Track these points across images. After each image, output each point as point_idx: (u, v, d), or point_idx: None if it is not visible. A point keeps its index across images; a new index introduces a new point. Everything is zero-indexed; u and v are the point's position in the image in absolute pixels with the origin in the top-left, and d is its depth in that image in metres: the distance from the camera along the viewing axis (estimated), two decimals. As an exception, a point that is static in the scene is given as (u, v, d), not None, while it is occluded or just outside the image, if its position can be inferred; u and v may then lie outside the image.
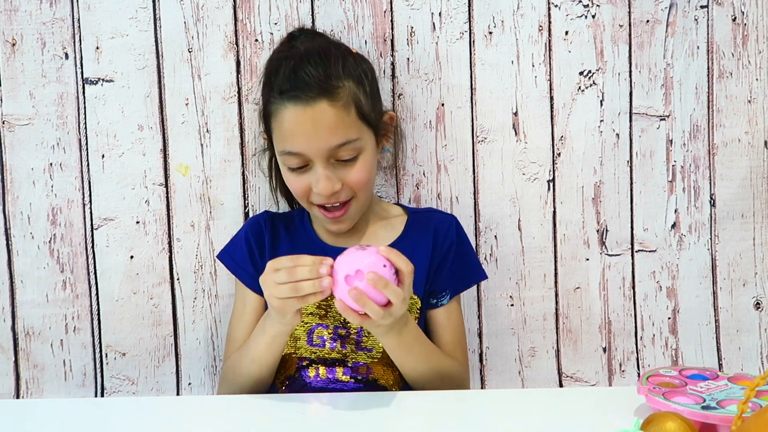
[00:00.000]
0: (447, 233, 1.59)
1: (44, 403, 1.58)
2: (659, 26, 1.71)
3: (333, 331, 1.52)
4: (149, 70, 1.69)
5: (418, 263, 1.52)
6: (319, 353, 1.52)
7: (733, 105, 1.74)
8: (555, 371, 1.78)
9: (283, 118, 1.48)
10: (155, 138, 1.71)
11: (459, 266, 1.60)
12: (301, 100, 1.47)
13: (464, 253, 1.61)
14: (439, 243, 1.58)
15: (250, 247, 1.60)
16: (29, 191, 1.70)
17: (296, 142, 1.48)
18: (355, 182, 1.50)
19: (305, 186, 1.51)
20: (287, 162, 1.51)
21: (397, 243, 1.57)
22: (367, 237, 1.61)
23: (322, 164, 1.48)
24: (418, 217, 1.63)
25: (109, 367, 1.74)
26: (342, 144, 1.48)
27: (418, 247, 1.56)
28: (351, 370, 1.51)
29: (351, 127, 1.49)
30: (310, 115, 1.46)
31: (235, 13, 1.70)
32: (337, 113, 1.47)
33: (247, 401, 1.40)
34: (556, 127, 1.73)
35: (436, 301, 1.58)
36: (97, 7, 1.68)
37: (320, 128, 1.46)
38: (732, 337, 1.78)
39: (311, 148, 1.47)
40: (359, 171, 1.50)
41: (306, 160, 1.49)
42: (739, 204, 1.76)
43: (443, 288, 1.58)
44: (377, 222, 1.62)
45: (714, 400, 1.22)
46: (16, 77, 1.68)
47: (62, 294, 1.72)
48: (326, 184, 1.48)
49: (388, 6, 1.70)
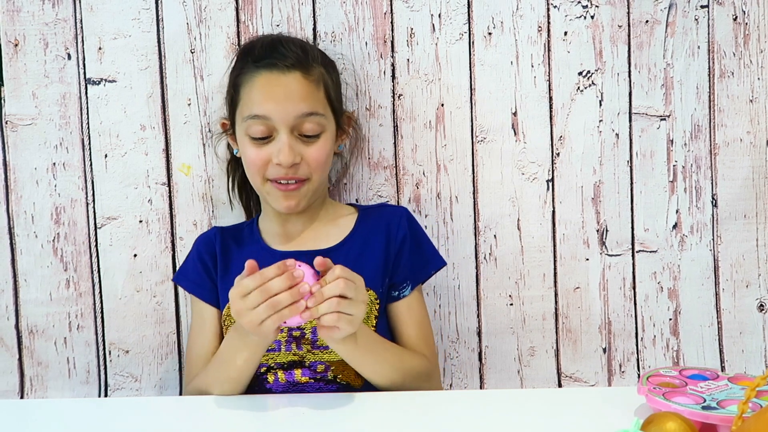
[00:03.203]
0: (399, 225, 1.59)
1: (48, 403, 1.59)
2: (659, 26, 1.71)
3: (287, 334, 1.50)
4: (152, 71, 1.71)
5: (371, 258, 1.55)
6: (276, 358, 1.51)
7: (735, 105, 1.73)
8: (554, 371, 1.77)
9: (255, 83, 1.52)
10: (158, 138, 1.72)
11: (416, 256, 1.59)
12: (277, 67, 1.51)
13: (419, 243, 1.61)
14: (392, 235, 1.58)
15: (204, 263, 1.61)
16: (33, 191, 1.72)
17: (266, 105, 1.50)
18: (313, 159, 1.52)
19: (264, 158, 1.52)
20: (251, 130, 1.52)
21: (348, 240, 1.58)
22: (316, 238, 1.60)
23: (286, 133, 1.50)
24: (369, 213, 1.63)
25: (113, 365, 1.76)
26: (309, 114, 1.51)
27: (369, 243, 1.57)
28: (309, 370, 1.50)
29: (319, 102, 1.53)
30: (284, 81, 1.51)
31: (238, 14, 1.71)
32: (309, 85, 1.52)
33: (247, 401, 1.40)
34: (556, 127, 1.73)
35: (398, 293, 1.57)
36: (100, 7, 1.70)
37: (291, 95, 1.50)
38: (735, 339, 1.77)
39: (279, 113, 1.49)
40: (319, 150, 1.53)
41: (270, 129, 1.51)
42: (742, 204, 1.75)
43: (403, 279, 1.57)
44: (327, 223, 1.62)
45: (714, 400, 1.21)
46: (18, 77, 1.70)
47: (66, 292, 1.74)
48: (288, 153, 1.49)
49: (388, 8, 1.71)
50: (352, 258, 1.54)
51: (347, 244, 1.57)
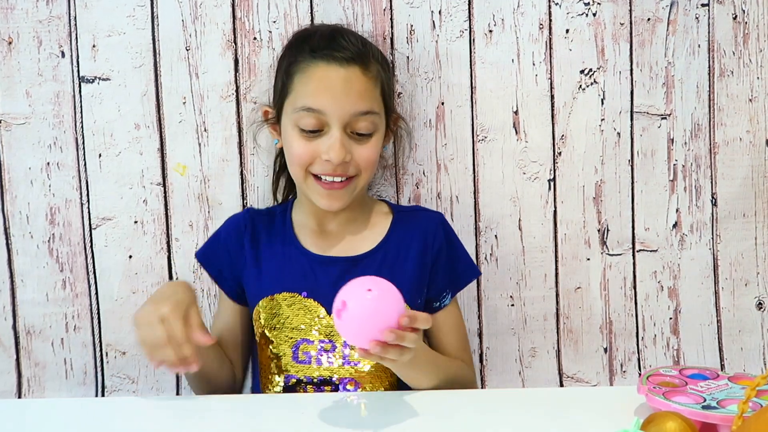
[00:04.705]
0: (435, 235, 1.56)
1: (45, 403, 1.58)
2: (660, 24, 1.70)
3: (318, 347, 1.49)
4: (146, 69, 1.68)
5: (406, 269, 1.52)
6: (306, 371, 1.49)
7: (734, 104, 1.73)
8: (556, 372, 1.77)
9: (312, 74, 1.46)
10: (152, 137, 1.70)
11: (454, 264, 1.58)
12: (336, 60, 1.46)
13: (455, 250, 1.59)
14: (428, 244, 1.55)
15: (228, 252, 1.58)
16: (27, 190, 1.70)
17: (322, 98, 1.45)
18: (364, 159, 1.48)
19: (312, 152, 1.47)
20: (302, 121, 1.46)
21: (382, 245, 1.55)
22: (352, 241, 1.56)
23: (339, 129, 1.45)
24: (404, 217, 1.59)
25: (110, 366, 1.74)
26: (366, 112, 1.46)
27: (404, 251, 1.54)
28: (338, 388, 1.48)
29: (375, 101, 1.49)
30: (343, 75, 1.46)
31: (234, 11, 1.69)
32: (368, 82, 1.47)
33: (246, 401, 1.40)
34: (557, 125, 1.72)
35: (439, 304, 1.56)
36: (94, 5, 1.67)
37: (350, 91, 1.45)
38: (734, 337, 1.78)
39: (335, 108, 1.44)
40: (370, 149, 1.48)
41: (322, 123, 1.46)
42: (741, 203, 1.75)
43: (443, 288, 1.56)
44: (363, 224, 1.58)
45: (714, 400, 1.22)
46: (12, 76, 1.67)
47: (62, 293, 1.72)
48: (340, 150, 1.44)
49: (387, 4, 1.69)
50: (387, 266, 1.51)
51: (381, 249, 1.53)
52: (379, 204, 1.63)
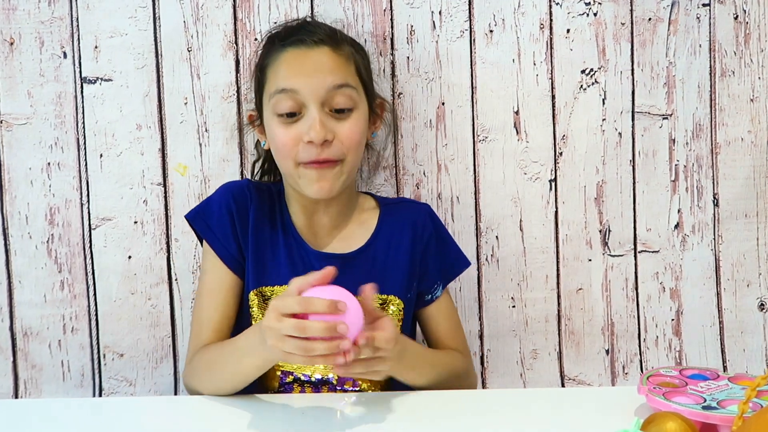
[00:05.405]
0: (424, 224, 1.55)
1: (42, 403, 1.57)
2: (661, 24, 1.70)
3: None
4: (148, 69, 1.69)
5: (397, 263, 1.51)
6: (304, 369, 1.46)
7: (736, 104, 1.73)
8: (557, 374, 1.76)
9: (282, 59, 1.47)
10: (154, 137, 1.70)
11: (443, 254, 1.56)
12: (305, 43, 1.47)
13: (445, 240, 1.58)
14: (418, 235, 1.53)
15: (232, 220, 1.50)
16: (27, 191, 1.69)
17: (294, 78, 1.44)
18: (346, 137, 1.45)
19: (294, 137, 1.44)
20: (278, 106, 1.45)
21: (372, 241, 1.53)
22: (343, 237, 1.54)
23: (317, 108, 1.43)
24: (390, 210, 1.57)
25: (107, 368, 1.73)
26: (340, 85, 1.45)
27: (394, 245, 1.52)
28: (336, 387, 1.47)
29: (350, 75, 1.48)
30: (312, 56, 1.46)
31: (235, 12, 1.69)
32: (338, 59, 1.47)
33: (245, 401, 1.39)
34: (558, 126, 1.72)
35: (431, 296, 1.55)
36: (96, 6, 1.67)
37: (322, 66, 1.45)
38: (736, 338, 1.77)
39: (308, 85, 1.43)
40: (352, 126, 1.46)
41: (299, 105, 1.44)
42: (743, 203, 1.74)
43: (434, 280, 1.55)
44: (353, 220, 1.55)
45: (714, 400, 1.22)
46: (14, 76, 1.67)
47: (60, 294, 1.71)
48: (320, 128, 1.42)
49: (387, 4, 1.69)
50: (379, 262, 1.50)
51: (372, 246, 1.52)
52: (364, 197, 1.61)
